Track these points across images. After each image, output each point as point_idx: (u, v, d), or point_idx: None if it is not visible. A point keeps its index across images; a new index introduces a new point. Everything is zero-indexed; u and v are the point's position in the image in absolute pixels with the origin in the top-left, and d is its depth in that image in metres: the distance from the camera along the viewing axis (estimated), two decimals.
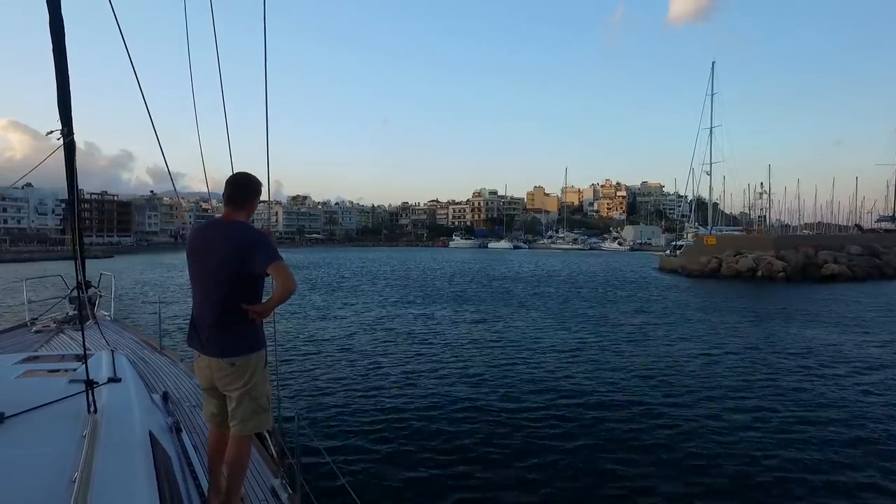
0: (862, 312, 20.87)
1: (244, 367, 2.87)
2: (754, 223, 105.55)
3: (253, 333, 2.91)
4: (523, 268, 51.04)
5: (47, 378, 3.37)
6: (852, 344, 14.57)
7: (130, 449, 2.41)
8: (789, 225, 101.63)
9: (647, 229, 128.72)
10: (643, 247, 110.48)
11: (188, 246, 2.99)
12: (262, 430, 3.36)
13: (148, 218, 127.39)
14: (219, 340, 2.86)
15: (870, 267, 38.10)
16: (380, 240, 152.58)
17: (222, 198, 2.99)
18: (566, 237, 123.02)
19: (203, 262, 2.89)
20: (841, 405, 9.19)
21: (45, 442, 2.40)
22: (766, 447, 7.30)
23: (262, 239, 2.81)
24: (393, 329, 16.18)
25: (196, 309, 2.96)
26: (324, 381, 10.26)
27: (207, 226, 3.01)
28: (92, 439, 2.34)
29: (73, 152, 6.11)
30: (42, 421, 2.59)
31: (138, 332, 7.81)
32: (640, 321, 18.47)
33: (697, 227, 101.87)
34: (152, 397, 3.75)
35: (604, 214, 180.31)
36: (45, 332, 6.88)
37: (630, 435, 7.73)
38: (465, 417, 8.31)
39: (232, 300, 2.81)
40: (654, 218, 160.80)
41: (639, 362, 12.18)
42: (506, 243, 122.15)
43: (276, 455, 4.13)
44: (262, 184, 3.09)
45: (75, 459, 2.18)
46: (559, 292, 28.44)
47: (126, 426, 2.66)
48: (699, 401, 9.35)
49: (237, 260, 2.77)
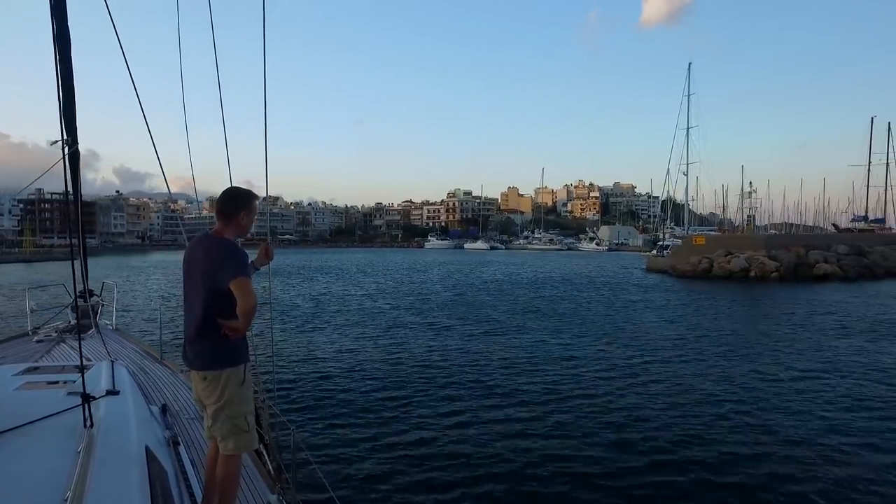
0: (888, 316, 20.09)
1: (216, 382, 2.84)
2: (725, 223, 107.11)
3: (228, 349, 2.86)
4: (510, 270, 49.92)
5: (46, 390, 3.36)
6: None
7: (125, 465, 2.39)
8: (758, 225, 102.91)
9: (624, 229, 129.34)
10: (620, 247, 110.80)
11: (183, 258, 3.03)
12: (245, 451, 3.14)
13: (114, 219, 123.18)
14: (195, 353, 2.88)
15: (859, 267, 37.93)
16: (354, 241, 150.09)
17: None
18: (542, 238, 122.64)
19: (188, 275, 2.95)
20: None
21: (41, 457, 2.38)
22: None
23: (232, 255, 2.80)
24: (391, 342, 15.20)
25: (184, 321, 2.99)
26: (320, 395, 10.01)
27: (198, 239, 3.02)
28: (87, 455, 2.32)
29: (76, 162, 6.29)
30: (38, 435, 2.57)
31: (140, 342, 7.70)
32: (671, 333, 17.31)
33: (673, 227, 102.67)
34: (151, 410, 3.68)
35: (577, 215, 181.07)
36: (47, 342, 6.74)
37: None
38: (467, 433, 8.04)
39: (208, 314, 2.81)
40: (627, 218, 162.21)
41: (703, 387, 10.93)
42: (482, 244, 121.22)
43: (272, 470, 4.07)
44: (252, 197, 3.07)
45: (69, 476, 2.16)
46: (560, 294, 27.24)
47: (122, 441, 2.63)
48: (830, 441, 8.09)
49: (208, 275, 2.79)
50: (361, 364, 12.42)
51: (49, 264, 60.06)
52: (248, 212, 3.02)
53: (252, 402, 3.00)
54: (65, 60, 5.87)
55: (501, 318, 19.49)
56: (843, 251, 40.24)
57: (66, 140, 5.61)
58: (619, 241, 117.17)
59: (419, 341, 15.23)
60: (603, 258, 76.97)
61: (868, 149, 74.03)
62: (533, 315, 20.25)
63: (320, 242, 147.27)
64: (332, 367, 12.10)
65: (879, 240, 49.92)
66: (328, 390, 10.26)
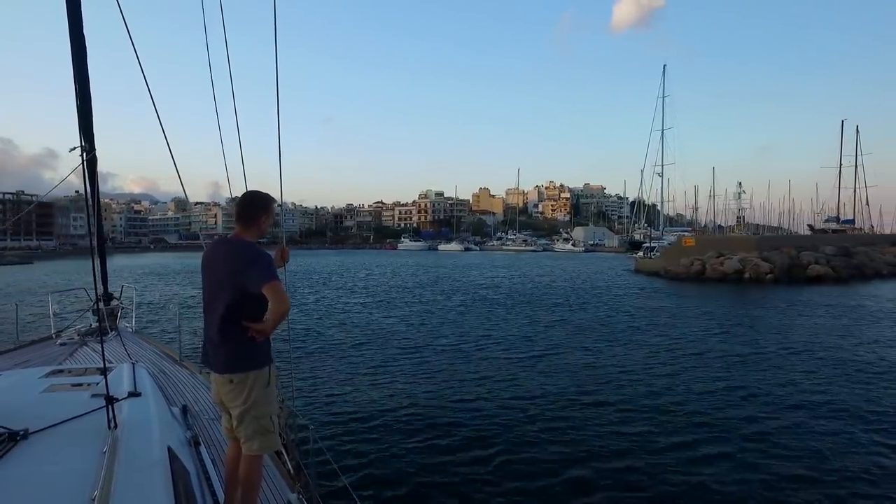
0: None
1: (242, 384, 2.83)
2: (695, 224, 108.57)
3: (254, 351, 2.86)
4: (499, 275, 48.79)
5: (70, 392, 3.37)
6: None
7: (149, 465, 2.44)
8: (723, 226, 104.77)
9: (598, 230, 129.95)
10: (596, 248, 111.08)
11: (201, 261, 3.04)
12: (269, 451, 3.13)
13: (73, 220, 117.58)
14: (219, 356, 2.86)
15: (850, 268, 37.93)
16: (325, 242, 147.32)
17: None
18: (516, 238, 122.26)
19: (208, 278, 2.94)
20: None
21: (68, 458, 2.41)
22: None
23: (258, 258, 2.80)
24: (407, 342, 15.30)
25: (204, 323, 2.99)
26: (339, 395, 10.05)
27: (217, 243, 3.02)
28: (112, 455, 2.37)
29: (94, 168, 6.49)
30: (65, 437, 2.60)
31: (159, 344, 7.78)
32: (719, 348, 16.21)
33: (648, 228, 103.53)
34: (172, 411, 3.69)
35: (548, 216, 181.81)
36: (70, 345, 6.88)
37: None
38: (487, 433, 8.09)
39: (232, 317, 2.80)
40: (598, 219, 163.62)
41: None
42: (456, 245, 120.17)
43: (292, 470, 4.10)
44: (271, 200, 3.06)
45: (96, 476, 2.20)
46: (559, 299, 26.08)
47: (145, 442, 2.68)
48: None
49: (233, 279, 2.78)
50: (380, 366, 12.43)
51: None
52: (267, 214, 3.01)
53: (276, 403, 3.02)
54: (81, 69, 6.00)
55: (519, 331, 18.17)
56: (830, 252, 40.26)
57: (84, 146, 5.72)
58: (594, 242, 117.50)
59: (439, 347, 14.80)
60: (584, 259, 76.53)
61: (839, 151, 75.44)
62: (555, 327, 18.99)
63: (290, 244, 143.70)
64: (352, 367, 12.13)
65: (858, 240, 50.64)
66: (345, 391, 10.25)
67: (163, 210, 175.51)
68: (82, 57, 5.98)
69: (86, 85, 6.21)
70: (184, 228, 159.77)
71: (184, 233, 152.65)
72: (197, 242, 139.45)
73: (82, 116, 6.06)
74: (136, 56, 4.47)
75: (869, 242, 49.75)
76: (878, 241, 54.12)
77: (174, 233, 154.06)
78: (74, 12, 5.89)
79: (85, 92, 6.22)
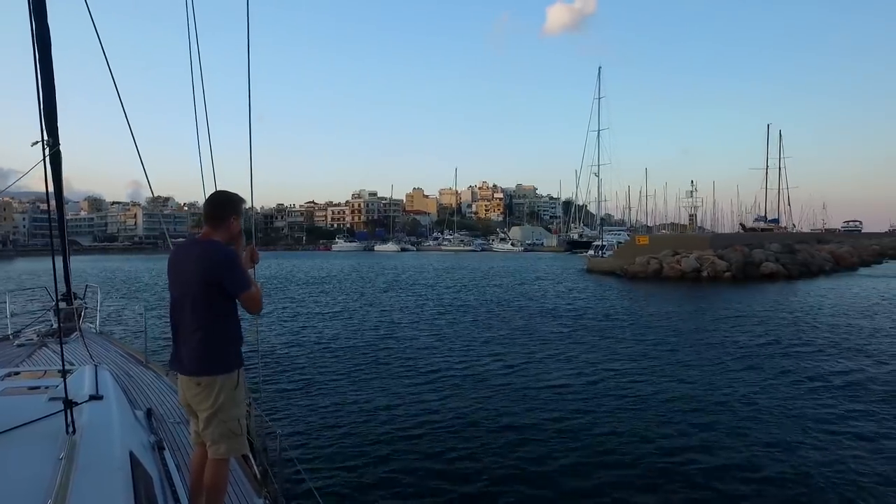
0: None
1: (210, 388, 2.78)
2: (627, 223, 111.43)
3: (222, 353, 2.82)
4: (452, 276, 46.93)
5: (26, 396, 3.25)
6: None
7: (109, 471, 2.34)
8: (649, 226, 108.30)
9: (536, 230, 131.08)
10: (535, 247, 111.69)
11: (168, 262, 2.97)
12: (236, 455, 3.04)
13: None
14: (187, 358, 2.80)
15: (798, 265, 38.71)
16: (255, 243, 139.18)
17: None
18: (454, 239, 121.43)
19: (176, 280, 2.88)
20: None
21: (21, 465, 2.32)
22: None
23: (234, 263, 2.80)
24: (377, 346, 14.92)
25: (171, 325, 2.93)
26: (307, 399, 9.89)
27: (188, 244, 2.96)
28: (69, 462, 2.28)
29: (58, 163, 6.45)
30: (19, 442, 2.50)
31: (124, 346, 7.54)
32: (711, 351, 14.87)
33: (583, 227, 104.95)
34: (135, 414, 3.61)
35: (482, 216, 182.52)
36: (28, 346, 6.63)
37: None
38: (458, 437, 7.97)
39: (200, 319, 2.76)
40: (530, 219, 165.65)
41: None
42: (393, 245, 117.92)
43: (258, 475, 4.03)
44: (242, 200, 3.07)
45: (51, 483, 2.11)
46: (523, 303, 24.47)
47: (105, 447, 2.57)
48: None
49: (204, 282, 2.74)
50: (346, 366, 12.43)
51: None
52: (238, 216, 2.98)
53: (244, 406, 2.98)
54: (45, 60, 5.84)
55: (487, 330, 16.30)
56: (777, 249, 41.08)
57: (47, 141, 5.56)
58: (532, 242, 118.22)
59: (408, 344, 15.00)
60: (527, 259, 75.79)
61: (765, 154, 78.88)
62: (514, 330, 17.24)
63: None
64: (320, 372, 11.97)
65: (793, 238, 52.52)
66: (313, 394, 10.17)
67: (74, 210, 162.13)
68: (46, 51, 5.77)
69: (50, 77, 6.00)
70: (99, 230, 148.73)
71: (99, 234, 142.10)
72: (115, 245, 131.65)
73: (46, 110, 5.82)
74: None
75: (801, 240, 51.65)
76: (807, 238, 56.62)
77: (87, 234, 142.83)
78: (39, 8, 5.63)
79: (49, 86, 6.03)
